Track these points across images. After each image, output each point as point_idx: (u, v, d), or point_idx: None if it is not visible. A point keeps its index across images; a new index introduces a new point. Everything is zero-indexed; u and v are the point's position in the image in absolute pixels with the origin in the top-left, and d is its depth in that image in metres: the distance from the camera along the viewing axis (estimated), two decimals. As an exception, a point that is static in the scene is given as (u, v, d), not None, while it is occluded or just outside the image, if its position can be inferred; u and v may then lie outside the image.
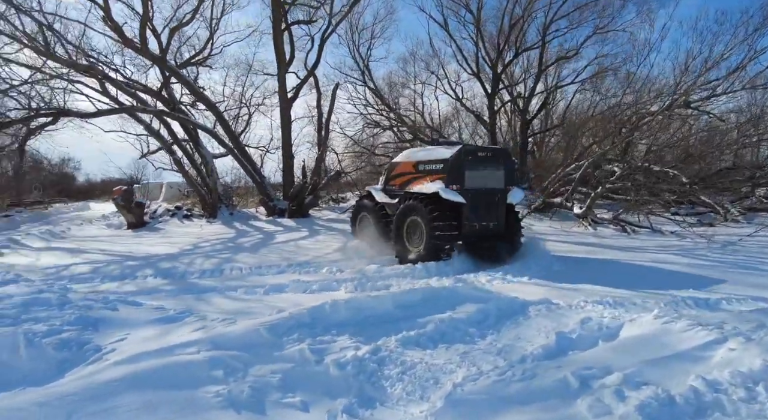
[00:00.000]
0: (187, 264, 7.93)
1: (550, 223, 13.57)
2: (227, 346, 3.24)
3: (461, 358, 3.39)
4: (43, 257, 9.06)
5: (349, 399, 2.94)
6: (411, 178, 8.05)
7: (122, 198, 14.82)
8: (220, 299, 5.11)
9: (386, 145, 21.82)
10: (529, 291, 5.45)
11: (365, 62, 21.07)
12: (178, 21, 15.79)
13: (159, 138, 16.20)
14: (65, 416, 2.71)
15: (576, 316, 4.15)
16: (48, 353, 3.17)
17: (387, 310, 4.01)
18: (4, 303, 3.58)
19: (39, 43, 13.92)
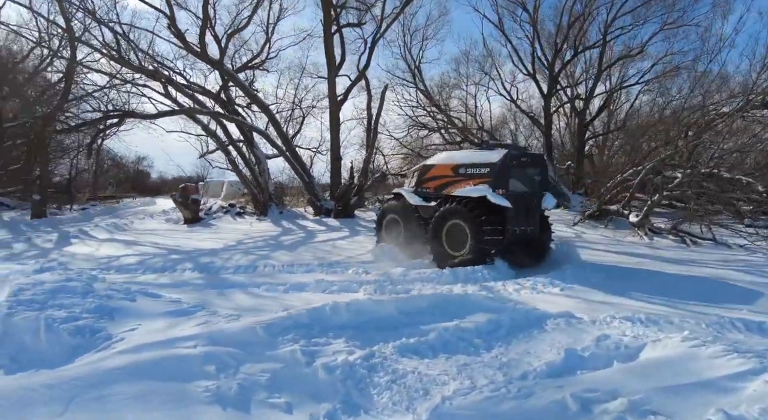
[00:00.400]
0: (226, 259, 8.25)
1: (602, 232, 12.78)
2: (224, 343, 3.30)
3: (459, 370, 3.24)
4: (103, 248, 9.79)
5: (334, 404, 2.89)
6: (450, 181, 8.02)
7: (180, 195, 15.73)
8: (240, 295, 5.25)
9: (433, 147, 21.57)
10: (555, 302, 5.14)
11: (416, 64, 21.00)
12: (235, 27, 16.52)
13: (215, 138, 17.03)
14: (67, 400, 2.87)
15: (596, 332, 3.84)
16: (63, 338, 3.38)
17: (390, 315, 3.92)
18: (36, 289, 3.88)
19: (114, 52, 15.12)
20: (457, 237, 7.49)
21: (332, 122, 17.24)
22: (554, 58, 20.38)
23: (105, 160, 32.40)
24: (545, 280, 6.33)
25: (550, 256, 8.01)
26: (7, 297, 3.73)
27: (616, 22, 19.54)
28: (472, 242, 7.27)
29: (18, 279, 4.15)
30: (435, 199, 8.10)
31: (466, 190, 7.62)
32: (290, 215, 17.00)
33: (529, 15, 20.57)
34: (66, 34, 15.44)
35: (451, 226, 7.58)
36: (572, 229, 13.16)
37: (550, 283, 6.15)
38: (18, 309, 3.56)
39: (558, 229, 13.40)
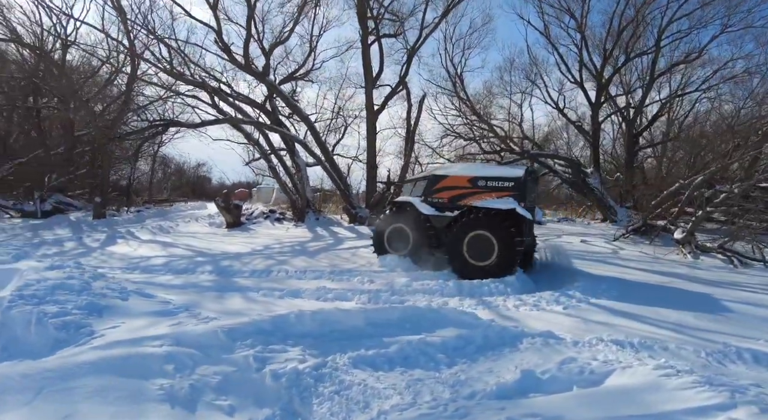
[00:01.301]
0: (245, 263, 8.57)
1: (644, 248, 12.01)
2: (186, 344, 3.45)
3: (408, 384, 3.19)
4: (141, 248, 10.48)
5: (274, 410, 2.95)
6: (467, 193, 8.18)
7: (223, 200, 16.52)
8: (234, 299, 5.45)
9: (472, 157, 21.24)
10: (547, 320, 4.92)
11: (457, 72, 20.85)
12: (277, 39, 17.21)
13: (258, 147, 17.77)
14: (37, 390, 3.12)
15: (570, 354, 3.64)
16: (50, 332, 3.68)
17: (356, 325, 3.92)
18: (39, 285, 4.26)
19: (168, 66, 16.24)
20: (480, 247, 7.58)
21: (369, 131, 17.49)
22: (603, 65, 19.51)
23: (163, 166, 34.71)
24: (552, 296, 6.06)
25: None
26: (11, 291, 4.12)
27: (671, 25, 18.44)
28: (500, 253, 7.46)
29: (29, 275, 4.56)
30: (450, 210, 8.17)
31: (492, 202, 7.88)
32: (326, 222, 17.34)
33: (576, 22, 19.85)
34: (128, 51, 16.80)
35: (474, 237, 7.67)
36: (611, 245, 12.47)
37: (555, 301, 5.88)
38: (18, 303, 3.92)
39: (596, 244, 12.80)
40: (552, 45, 20.61)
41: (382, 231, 8.65)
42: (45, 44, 19.13)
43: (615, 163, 22.66)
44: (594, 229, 16.27)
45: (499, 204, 7.77)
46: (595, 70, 19.77)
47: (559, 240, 13.29)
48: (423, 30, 18.10)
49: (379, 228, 8.74)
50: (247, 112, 17.61)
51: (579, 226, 17.17)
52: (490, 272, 7.35)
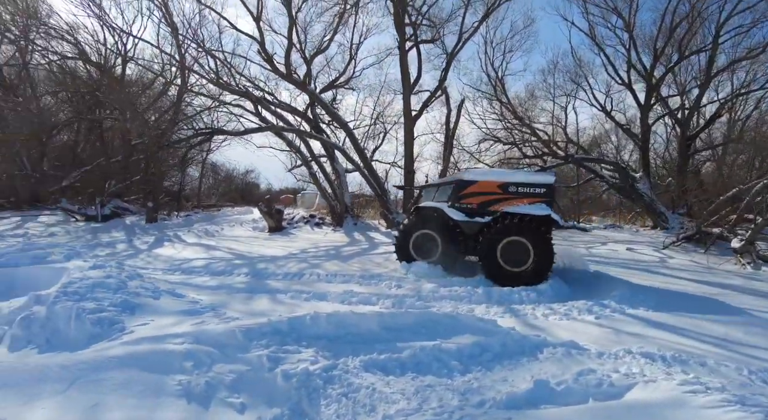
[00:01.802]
0: (280, 266, 8.78)
1: (695, 257, 11.28)
2: (206, 342, 3.59)
3: (417, 390, 3.16)
4: (185, 251, 10.99)
5: (283, 410, 3.01)
6: (497, 199, 8.11)
7: (265, 205, 17.06)
8: (262, 300, 5.60)
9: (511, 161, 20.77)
10: (575, 330, 4.73)
11: (498, 76, 20.51)
12: (317, 48, 17.63)
13: (299, 154, 18.23)
14: (71, 380, 3.36)
15: (591, 365, 3.48)
16: (86, 327, 3.94)
17: (370, 329, 3.92)
18: (81, 283, 4.57)
19: (214, 76, 17.03)
20: (515, 253, 7.57)
21: (406, 137, 17.52)
22: (653, 65, 18.58)
23: (214, 173, 36.24)
24: (585, 305, 5.82)
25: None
26: (57, 288, 4.44)
27: (731, 20, 17.30)
28: (536, 259, 7.49)
29: (74, 273, 4.90)
30: (480, 215, 8.08)
31: (525, 208, 7.85)
32: (363, 227, 17.49)
33: (624, 21, 19.03)
34: (179, 64, 17.77)
35: (509, 243, 7.63)
36: (659, 253, 11.80)
37: (587, 310, 5.64)
38: (61, 299, 4.22)
39: (643, 252, 12.15)
40: (598, 46, 19.87)
41: (408, 237, 8.40)
42: (107, 61, 20.61)
43: (667, 167, 21.46)
44: (642, 236, 15.46)
45: (533, 210, 7.76)
46: (644, 71, 18.87)
47: (603, 248, 12.74)
48: (462, 35, 18.00)
49: (404, 234, 8.45)
50: (288, 120, 18.12)
51: (627, 233, 16.36)
52: (525, 278, 7.38)
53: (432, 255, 8.18)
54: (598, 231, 16.84)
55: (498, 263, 7.60)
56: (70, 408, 3.08)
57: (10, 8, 20.33)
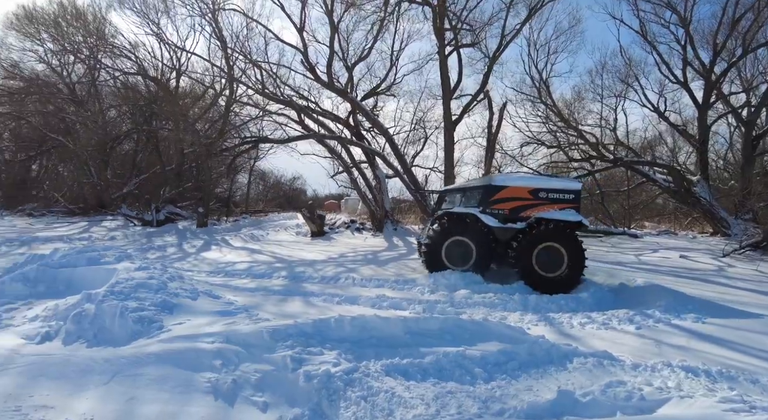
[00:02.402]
0: (317, 270, 8.96)
1: (760, 266, 10.45)
2: (234, 342, 3.73)
3: (437, 396, 3.13)
4: (229, 254, 11.44)
5: (303, 410, 3.08)
6: (528, 204, 8.11)
7: (308, 210, 17.47)
8: (295, 302, 5.74)
9: (558, 165, 20.12)
10: (612, 340, 4.52)
11: (542, 78, 20.00)
12: (359, 56, 17.94)
13: (340, 160, 18.56)
14: (113, 373, 3.58)
15: (623, 377, 3.32)
16: (129, 324, 4.19)
17: (394, 334, 3.92)
18: (126, 283, 4.88)
19: (260, 87, 17.71)
20: (549, 259, 7.65)
21: (447, 142, 17.42)
22: (713, 61, 17.51)
23: (263, 180, 37.52)
24: (626, 315, 5.54)
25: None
26: (106, 288, 4.76)
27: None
28: (570, 264, 7.65)
29: (121, 274, 5.24)
30: (512, 221, 8.05)
31: (557, 214, 7.93)
32: (403, 232, 17.50)
33: (678, 16, 18.08)
34: (227, 76, 18.61)
35: (543, 249, 7.69)
36: (718, 261, 11.04)
37: (628, 320, 5.37)
38: (109, 298, 4.53)
39: (699, 260, 11.41)
40: (650, 44, 18.98)
41: (439, 245, 8.04)
42: (163, 75, 21.94)
43: (729, 169, 20.05)
44: (699, 243, 14.52)
45: (566, 216, 7.90)
46: (702, 68, 17.80)
47: (654, 255, 12.08)
48: (504, 37, 17.72)
49: (435, 241, 8.06)
50: (330, 128, 18.50)
51: (682, 240, 15.42)
52: (559, 284, 7.51)
53: (466, 263, 7.98)
54: (650, 238, 15.97)
55: (534, 269, 7.60)
56: (111, 399, 3.28)
57: (81, 31, 22.13)
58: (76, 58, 22.92)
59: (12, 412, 3.10)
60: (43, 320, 4.57)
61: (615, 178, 21.61)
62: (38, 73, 24.03)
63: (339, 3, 16.53)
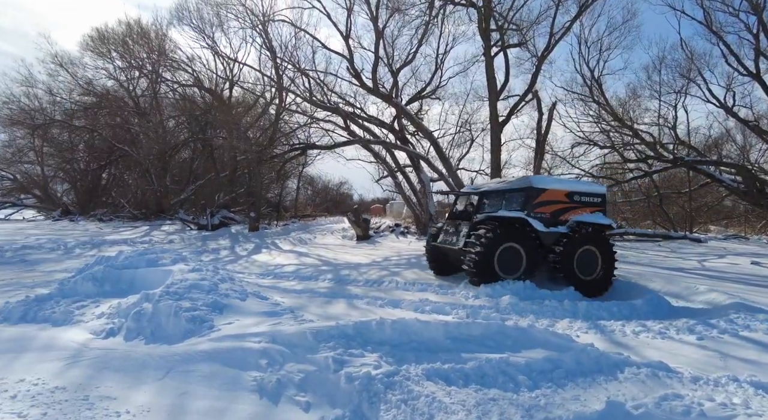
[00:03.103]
0: (362, 273, 9.06)
1: None
2: (280, 342, 3.84)
3: (478, 402, 3.08)
4: (278, 257, 11.79)
5: (344, 412, 3.12)
6: (566, 208, 8.09)
7: (353, 215, 17.71)
8: (339, 304, 5.82)
9: (613, 166, 19.19)
10: (669, 351, 4.24)
11: (594, 76, 19.23)
12: (403, 61, 18.02)
13: (385, 165, 18.68)
14: (167, 369, 3.79)
15: (680, 390, 3.11)
16: (182, 323, 4.42)
17: (435, 338, 3.88)
18: (181, 284, 5.14)
19: (308, 95, 18.19)
20: (586, 262, 7.74)
21: (493, 144, 17.08)
22: (788, 50, 16.15)
23: (311, 185, 38.42)
24: (686, 324, 5.20)
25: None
26: (162, 288, 5.05)
27: None
28: (604, 266, 7.79)
29: (176, 275, 5.53)
30: (553, 225, 7.92)
31: (592, 217, 8.03)
32: (449, 236, 17.33)
33: (750, 3, 16.83)
34: (277, 85, 19.26)
35: (583, 252, 7.73)
36: (794, 268, 10.13)
37: (689, 329, 5.03)
38: (165, 297, 4.79)
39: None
40: (715, 34, 17.79)
41: (491, 253, 7.37)
42: (217, 86, 23.04)
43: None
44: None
45: (600, 219, 8.01)
46: (776, 57, 16.48)
47: (720, 261, 11.25)
48: (553, 36, 17.21)
49: (487, 249, 7.32)
50: (375, 133, 18.68)
51: (753, 245, 14.26)
52: (595, 286, 7.61)
53: (516, 271, 7.57)
54: (715, 242, 14.89)
55: (575, 273, 7.61)
56: (165, 394, 3.47)
57: (145, 48, 23.71)
58: (140, 73, 24.54)
59: (81, 401, 3.35)
60: (107, 317, 4.91)
61: (675, 180, 20.34)
62: (108, 88, 25.92)
63: (384, 9, 16.70)
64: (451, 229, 8.76)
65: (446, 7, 16.91)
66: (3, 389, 3.49)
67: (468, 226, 8.19)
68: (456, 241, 8.26)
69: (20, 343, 4.40)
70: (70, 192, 28.70)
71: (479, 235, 7.50)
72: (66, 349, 4.21)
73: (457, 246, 8.08)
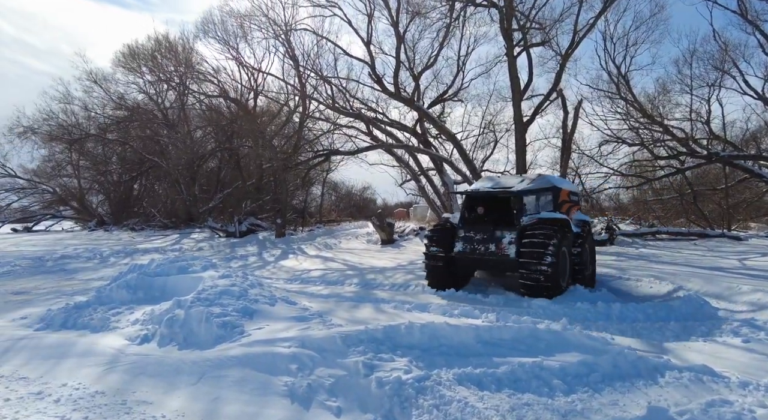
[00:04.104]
0: (387, 277, 9.03)
1: None
2: (309, 346, 3.85)
3: (513, 407, 3.01)
4: (305, 262, 11.88)
5: (376, 416, 3.11)
6: (569, 207, 8.29)
7: (377, 219, 17.72)
8: (365, 309, 5.81)
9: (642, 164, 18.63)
10: (713, 354, 4.05)
11: (621, 72, 18.73)
12: (425, 64, 17.99)
13: (408, 169, 18.65)
14: (200, 374, 3.85)
15: (728, 396, 2.96)
16: (213, 329, 4.49)
17: (465, 342, 3.81)
18: (211, 290, 5.23)
19: (330, 101, 18.37)
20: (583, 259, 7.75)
21: (518, 144, 16.82)
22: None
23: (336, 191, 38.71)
24: (729, 326, 4.97)
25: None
26: (193, 294, 5.15)
27: None
28: (592, 263, 8.04)
29: (207, 282, 5.63)
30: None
31: (582, 216, 8.37)
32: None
33: (785, -11, 16.14)
34: (300, 93, 19.52)
35: (583, 249, 7.74)
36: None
37: (733, 332, 4.81)
38: (196, 304, 4.88)
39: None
40: (751, 24, 17.09)
41: (560, 261, 6.69)
42: (242, 96, 23.52)
43: None
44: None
45: (586, 217, 8.37)
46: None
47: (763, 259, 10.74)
48: (576, 34, 16.88)
49: (557, 258, 6.57)
50: (397, 137, 18.68)
51: (798, 243, 13.57)
52: (585, 282, 7.57)
53: (564, 277, 6.99)
54: (756, 240, 14.24)
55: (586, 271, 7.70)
56: (198, 398, 3.52)
57: (173, 61, 24.44)
58: (168, 86, 25.29)
59: (119, 405, 3.44)
60: (142, 324, 5.03)
61: (710, 176, 19.59)
62: (138, 102, 26.81)
63: (404, 14, 16.74)
64: (478, 236, 7.45)
65: (467, 9, 16.81)
66: (47, 393, 3.61)
67: (512, 232, 7.14)
68: (494, 249, 7.15)
69: (62, 349, 4.55)
70: (105, 203, 29.73)
71: (544, 242, 6.54)
72: (104, 355, 4.34)
73: (505, 254, 7.03)
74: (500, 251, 7.11)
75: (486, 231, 7.45)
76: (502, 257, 7.06)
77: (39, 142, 26.18)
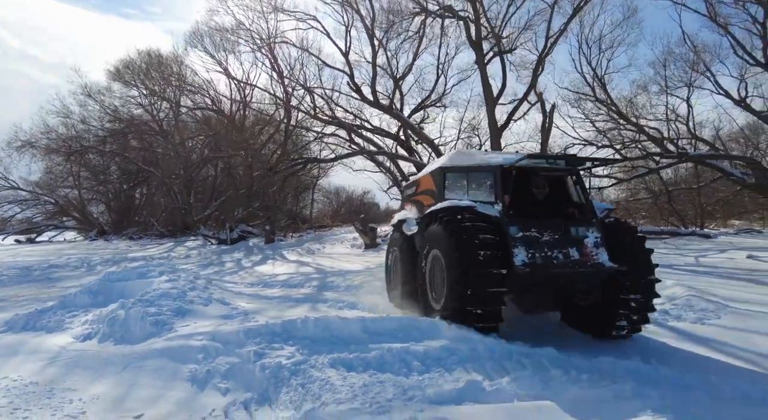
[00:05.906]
0: (348, 279, 9.51)
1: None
2: (217, 339, 4.40)
3: (366, 384, 3.52)
4: (280, 267, 12.44)
5: (253, 395, 3.64)
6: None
7: (360, 223, 18.25)
8: (299, 308, 6.35)
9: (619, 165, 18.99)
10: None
11: (596, 75, 19.15)
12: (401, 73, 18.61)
13: (389, 174, 19.23)
14: (125, 364, 4.41)
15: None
16: (147, 327, 5.05)
17: (353, 333, 4.32)
18: (153, 293, 5.81)
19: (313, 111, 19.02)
20: None
21: (494, 149, 17.33)
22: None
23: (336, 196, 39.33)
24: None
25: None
26: (137, 297, 5.72)
27: None
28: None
29: (153, 285, 6.21)
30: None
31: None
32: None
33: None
34: (285, 104, 20.21)
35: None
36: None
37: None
38: (137, 305, 5.46)
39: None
40: (721, 26, 17.45)
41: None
42: (231, 108, 24.28)
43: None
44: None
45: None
46: (785, 46, 16.01)
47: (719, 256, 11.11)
48: (549, 39, 17.38)
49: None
50: (378, 144, 19.27)
51: (763, 239, 13.85)
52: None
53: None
54: (724, 237, 14.54)
55: None
56: (119, 385, 4.07)
57: (164, 74, 25.32)
58: (161, 98, 26.15)
59: (46, 393, 3.99)
60: (90, 324, 5.61)
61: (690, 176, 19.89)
62: (133, 114, 27.71)
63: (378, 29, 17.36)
64: (546, 237, 4.82)
65: (438, 20, 17.39)
66: (-14, 385, 4.18)
67: (591, 229, 4.94)
68: (578, 256, 4.74)
69: (14, 347, 5.13)
70: (105, 213, 30.64)
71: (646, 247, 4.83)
72: (49, 352, 4.90)
73: (598, 263, 4.72)
74: (588, 259, 4.74)
75: (557, 228, 4.91)
76: (594, 268, 4.69)
77: (38, 154, 27.06)
